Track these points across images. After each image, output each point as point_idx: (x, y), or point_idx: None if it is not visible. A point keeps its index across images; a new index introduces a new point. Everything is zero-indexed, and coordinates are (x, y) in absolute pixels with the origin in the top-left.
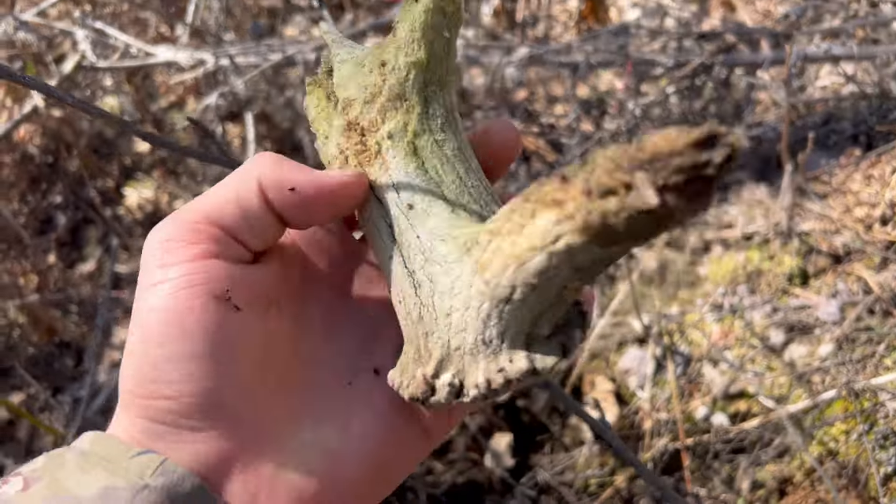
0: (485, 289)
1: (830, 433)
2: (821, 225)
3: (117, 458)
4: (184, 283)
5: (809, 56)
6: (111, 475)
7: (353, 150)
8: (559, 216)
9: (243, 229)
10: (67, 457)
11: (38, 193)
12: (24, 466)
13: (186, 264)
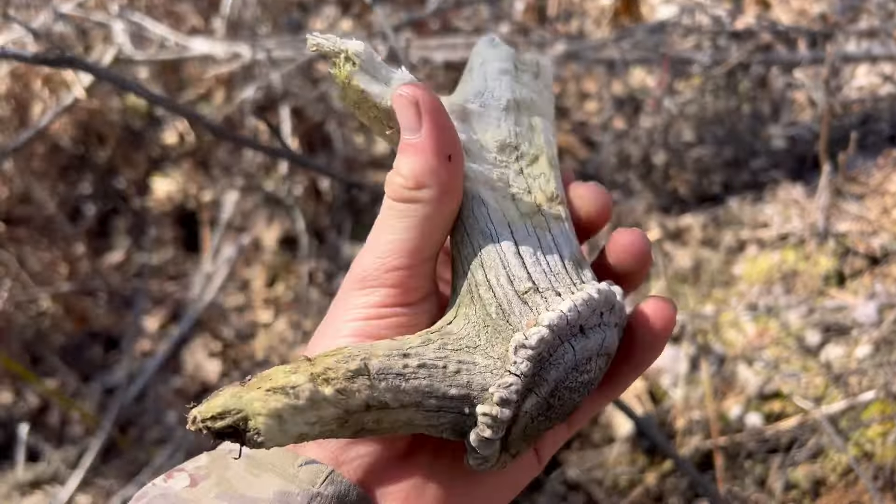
0: None
1: (867, 435)
2: (858, 226)
3: (285, 465)
4: (378, 329)
5: (849, 56)
6: (284, 481)
7: None
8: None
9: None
10: (231, 462)
11: (67, 184)
12: (187, 464)
13: (383, 309)
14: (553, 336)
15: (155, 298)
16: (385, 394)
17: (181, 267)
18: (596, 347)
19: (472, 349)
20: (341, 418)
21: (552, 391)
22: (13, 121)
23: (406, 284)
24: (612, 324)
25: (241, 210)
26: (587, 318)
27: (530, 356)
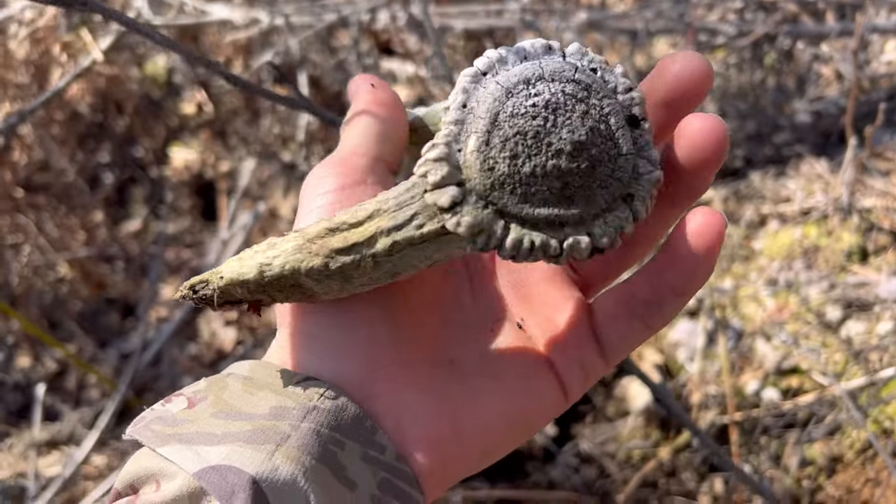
0: None
1: (886, 412)
2: (883, 202)
3: (280, 382)
4: (333, 208)
5: (878, 28)
6: (280, 396)
7: None
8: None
9: (384, 144)
10: (229, 381)
11: (86, 152)
12: (185, 389)
13: (336, 192)
14: (470, 82)
15: (171, 266)
16: (343, 215)
17: (198, 236)
18: (529, 70)
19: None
20: (300, 246)
21: (493, 123)
22: (32, 87)
23: (363, 165)
24: (573, 61)
25: (258, 179)
26: (511, 61)
27: (453, 107)
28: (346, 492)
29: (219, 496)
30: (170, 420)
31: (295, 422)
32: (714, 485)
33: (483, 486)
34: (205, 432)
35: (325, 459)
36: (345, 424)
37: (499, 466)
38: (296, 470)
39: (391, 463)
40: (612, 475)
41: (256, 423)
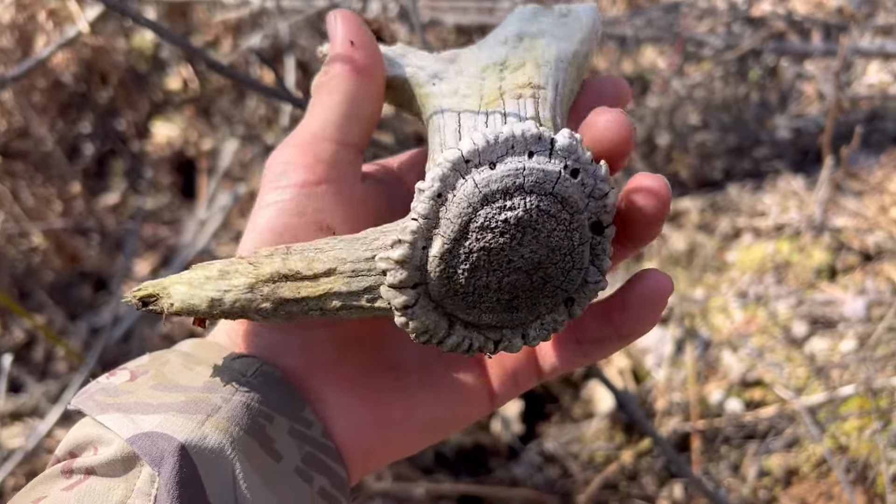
0: None
1: (843, 428)
2: (854, 222)
3: (219, 360)
4: (293, 210)
5: (861, 50)
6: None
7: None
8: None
9: (350, 121)
10: (170, 357)
11: (67, 121)
12: (129, 363)
13: (295, 189)
14: (451, 171)
15: (147, 243)
16: (298, 263)
17: (176, 213)
18: (509, 177)
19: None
20: (252, 286)
21: (462, 232)
22: (16, 52)
23: (307, 162)
24: (558, 163)
25: (240, 160)
26: (496, 153)
27: (426, 196)
28: (272, 463)
29: (149, 460)
30: (112, 391)
31: (227, 395)
32: (673, 490)
33: (446, 479)
34: (142, 402)
35: (253, 431)
36: (274, 399)
37: (463, 461)
38: (223, 439)
39: (317, 438)
40: (575, 476)
41: (190, 394)
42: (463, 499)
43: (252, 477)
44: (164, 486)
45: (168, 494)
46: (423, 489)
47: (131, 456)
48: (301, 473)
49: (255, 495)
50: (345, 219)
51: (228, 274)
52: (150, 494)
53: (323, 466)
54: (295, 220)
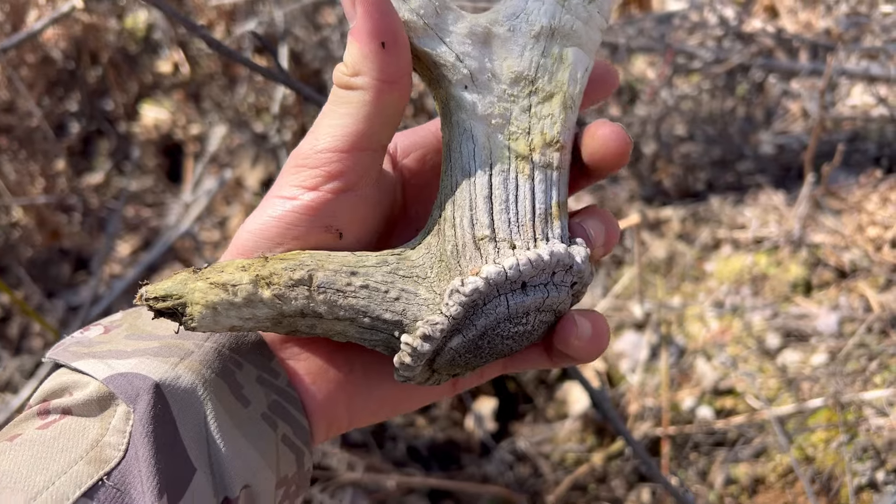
0: None
1: (810, 440)
2: (832, 239)
3: None
4: (306, 211)
5: (847, 72)
6: None
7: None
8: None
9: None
10: (143, 311)
11: (54, 98)
12: (104, 319)
13: (316, 192)
14: (489, 288)
15: (130, 224)
16: (321, 306)
17: (160, 196)
18: (536, 304)
19: (420, 279)
20: (275, 319)
21: (481, 335)
22: (6, 26)
23: (337, 169)
24: (567, 283)
25: (228, 146)
26: (531, 277)
27: (462, 302)
28: (241, 407)
29: (125, 398)
30: (86, 343)
31: (199, 341)
32: (641, 494)
33: (418, 473)
34: (117, 350)
35: (224, 375)
36: (244, 348)
37: (435, 456)
38: (196, 380)
39: (283, 388)
40: (545, 475)
41: (164, 341)
42: (433, 493)
43: (222, 417)
44: (140, 421)
45: (143, 429)
46: (394, 482)
47: (107, 396)
48: (267, 419)
49: (225, 435)
50: (353, 221)
51: (253, 303)
52: (125, 431)
53: (287, 415)
54: (305, 220)
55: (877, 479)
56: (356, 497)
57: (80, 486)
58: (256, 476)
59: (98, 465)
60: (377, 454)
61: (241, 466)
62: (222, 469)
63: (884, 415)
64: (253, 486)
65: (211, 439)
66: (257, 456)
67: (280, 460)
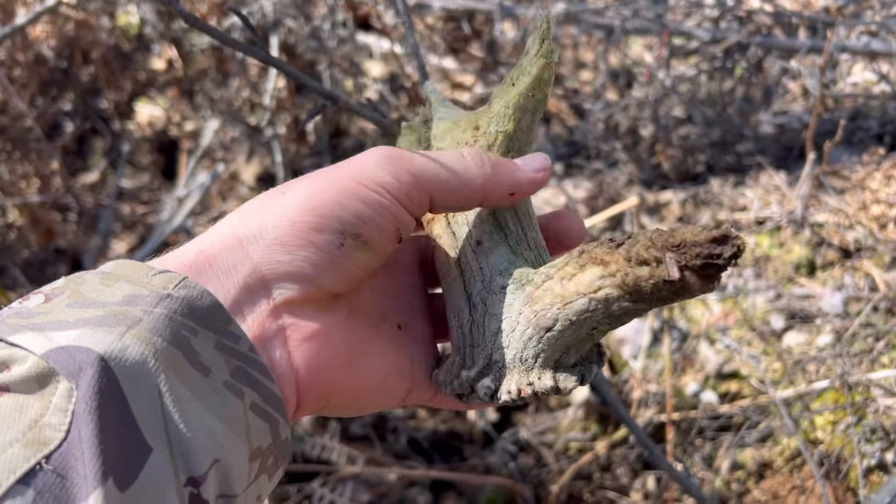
0: (532, 317)
1: (816, 422)
2: (835, 218)
3: (139, 276)
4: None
5: (847, 48)
6: (134, 286)
7: None
8: (603, 272)
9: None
10: (87, 276)
11: (48, 98)
12: (44, 287)
13: (386, 198)
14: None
15: (126, 222)
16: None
17: (156, 193)
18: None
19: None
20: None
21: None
22: None
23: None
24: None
25: (222, 142)
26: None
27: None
28: (200, 376)
29: (66, 373)
30: (25, 314)
31: (148, 307)
32: (647, 482)
33: (420, 465)
34: (58, 320)
35: (177, 343)
36: (199, 313)
37: (437, 448)
38: (146, 350)
39: (245, 353)
40: (549, 465)
41: (109, 309)
42: (435, 485)
43: (179, 389)
44: (83, 398)
45: (87, 407)
46: (395, 474)
47: (46, 371)
48: (231, 387)
49: (184, 408)
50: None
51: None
52: (67, 410)
53: (254, 381)
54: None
55: (886, 461)
56: (357, 490)
57: (14, 472)
58: (225, 448)
59: (36, 448)
60: (378, 447)
61: (205, 441)
62: (184, 446)
63: (892, 395)
64: (223, 460)
65: (168, 414)
66: (223, 427)
67: (251, 430)
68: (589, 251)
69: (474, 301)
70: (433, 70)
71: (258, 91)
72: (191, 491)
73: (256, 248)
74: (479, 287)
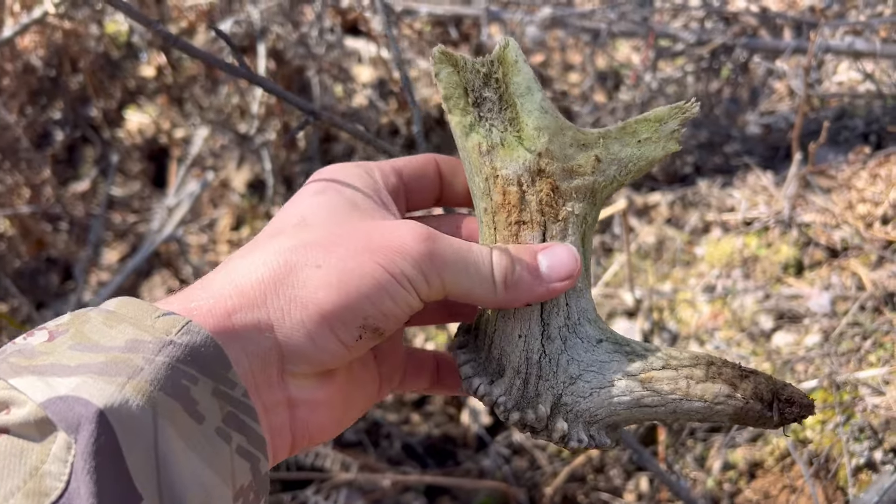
0: (637, 391)
1: (805, 422)
2: (822, 218)
3: (143, 318)
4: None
5: (832, 48)
6: (137, 330)
7: (538, 196)
8: (730, 394)
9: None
10: (92, 315)
11: (37, 107)
12: (49, 322)
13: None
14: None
15: (117, 231)
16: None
17: (146, 201)
18: None
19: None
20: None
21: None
22: None
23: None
24: None
25: (212, 149)
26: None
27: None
28: (195, 424)
29: (64, 426)
30: (28, 353)
31: (150, 355)
32: (640, 483)
33: (414, 471)
34: (59, 364)
35: (176, 395)
36: (200, 360)
37: (431, 453)
38: (145, 403)
39: (238, 398)
40: (542, 467)
41: (111, 355)
42: (430, 490)
43: (175, 441)
44: (82, 455)
45: (84, 464)
46: (390, 480)
47: (45, 420)
48: (221, 433)
49: (177, 460)
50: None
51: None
52: (67, 461)
53: (242, 425)
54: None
55: (875, 459)
56: (351, 497)
57: None
58: (212, 496)
59: (37, 499)
60: (372, 453)
61: (195, 490)
62: (175, 495)
63: (880, 393)
64: None
65: (162, 466)
66: (212, 475)
67: (235, 472)
68: (718, 366)
69: (551, 333)
70: (421, 74)
71: (247, 98)
72: None
73: (282, 327)
74: (561, 322)
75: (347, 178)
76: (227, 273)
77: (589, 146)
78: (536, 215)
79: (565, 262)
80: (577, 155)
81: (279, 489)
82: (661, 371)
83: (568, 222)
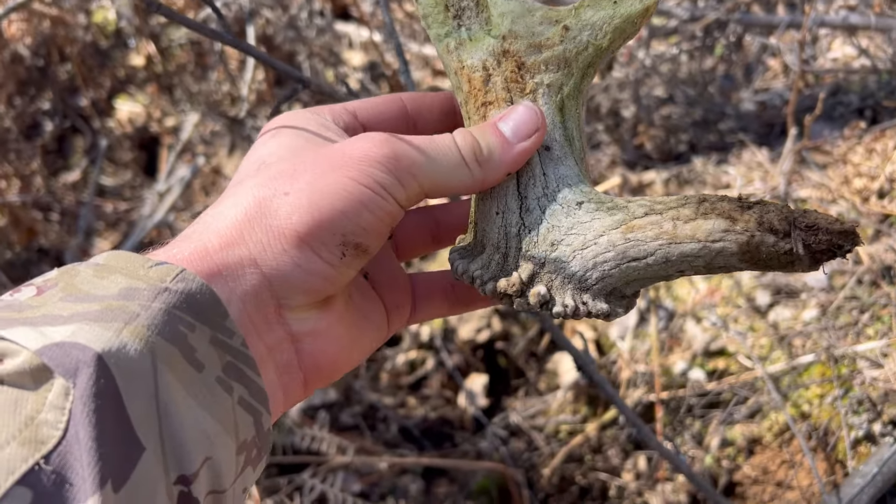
0: (621, 244)
1: (805, 396)
2: (818, 193)
3: (135, 268)
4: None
5: (826, 22)
6: (131, 279)
7: (503, 75)
8: (729, 227)
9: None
10: (80, 268)
11: (26, 97)
12: (36, 279)
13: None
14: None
15: (108, 220)
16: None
17: (138, 190)
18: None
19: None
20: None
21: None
22: None
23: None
24: None
25: (202, 135)
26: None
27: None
28: (194, 372)
29: (62, 372)
30: (17, 307)
31: (145, 302)
32: (638, 462)
33: (411, 453)
34: (52, 314)
35: (174, 340)
36: (197, 308)
37: (428, 435)
38: (144, 348)
39: (237, 348)
40: (540, 448)
41: (105, 303)
42: (427, 472)
43: (174, 387)
44: (80, 398)
45: (84, 408)
46: (386, 463)
47: (41, 368)
48: (221, 383)
49: (178, 407)
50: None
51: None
52: (64, 408)
53: (242, 376)
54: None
55: (874, 432)
56: (348, 480)
57: (13, 473)
58: (215, 445)
59: (33, 447)
60: (368, 436)
61: (197, 439)
62: (177, 444)
63: (878, 366)
64: (214, 457)
65: (162, 413)
66: (214, 423)
67: (238, 424)
68: (712, 202)
69: (529, 205)
70: (414, 57)
71: (237, 84)
72: (180, 489)
73: (265, 259)
74: (539, 192)
75: (298, 122)
76: (202, 224)
77: (561, 20)
78: (502, 93)
79: (526, 120)
80: (547, 31)
81: (276, 472)
82: (643, 218)
83: (537, 94)
